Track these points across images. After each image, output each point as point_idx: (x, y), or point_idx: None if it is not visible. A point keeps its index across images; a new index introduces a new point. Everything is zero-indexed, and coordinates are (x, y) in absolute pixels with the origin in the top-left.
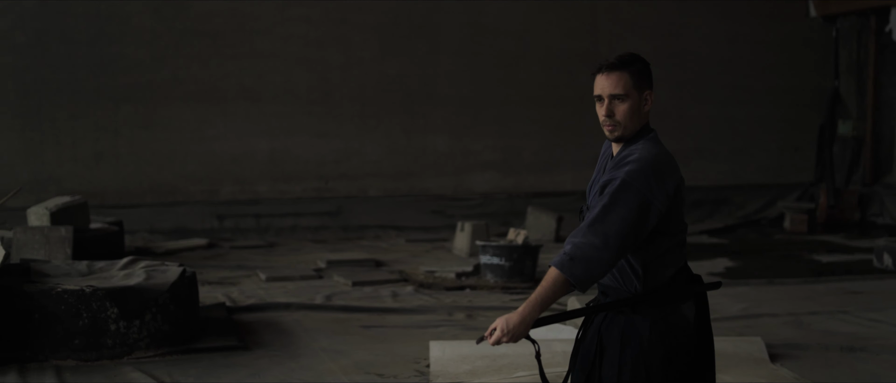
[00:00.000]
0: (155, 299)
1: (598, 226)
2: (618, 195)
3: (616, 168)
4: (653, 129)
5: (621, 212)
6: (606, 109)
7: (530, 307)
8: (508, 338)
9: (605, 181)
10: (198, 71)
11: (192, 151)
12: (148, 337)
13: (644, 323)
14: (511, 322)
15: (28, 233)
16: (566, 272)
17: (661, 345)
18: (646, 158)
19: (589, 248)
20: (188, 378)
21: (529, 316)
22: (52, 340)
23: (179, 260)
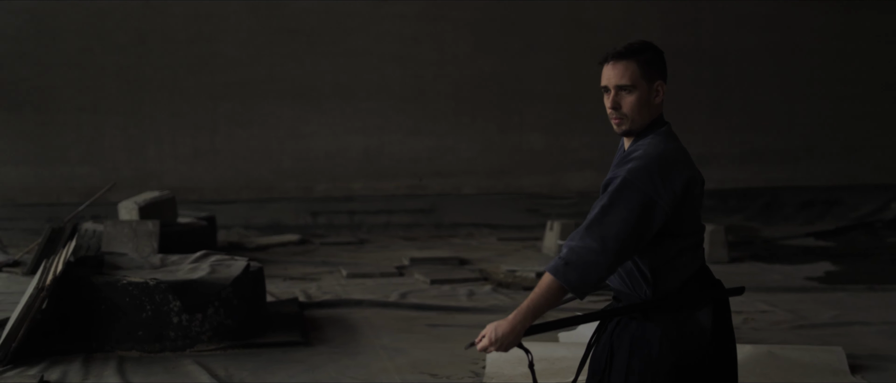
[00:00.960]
0: (217, 293)
1: (596, 228)
2: (618, 194)
3: (620, 165)
4: (666, 123)
5: (621, 212)
6: (612, 101)
7: (521, 315)
8: (496, 347)
9: (608, 179)
10: (293, 69)
11: (288, 148)
12: (210, 331)
13: (655, 330)
14: (500, 330)
15: (117, 226)
16: (560, 278)
17: (672, 354)
18: (651, 154)
19: (585, 252)
20: (243, 372)
21: (519, 325)
22: (117, 331)
23: (270, 255)
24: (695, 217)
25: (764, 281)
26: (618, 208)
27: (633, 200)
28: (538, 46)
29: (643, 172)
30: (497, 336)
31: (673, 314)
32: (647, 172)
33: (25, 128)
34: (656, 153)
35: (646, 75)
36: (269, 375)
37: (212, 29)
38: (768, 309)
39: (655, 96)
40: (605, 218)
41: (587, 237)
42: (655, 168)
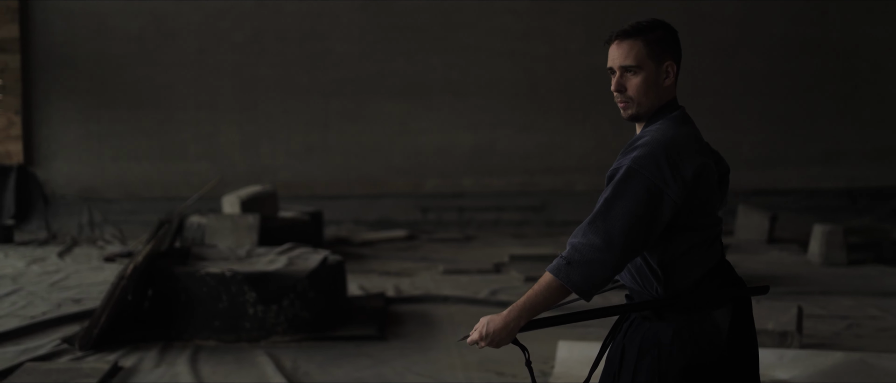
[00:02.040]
0: (293, 286)
1: (600, 223)
2: (622, 185)
3: (624, 153)
4: (679, 107)
5: (627, 205)
6: (616, 83)
7: (516, 312)
8: (487, 343)
9: (612, 170)
10: (403, 65)
11: (398, 144)
12: (285, 323)
13: (667, 329)
14: (491, 325)
15: (219, 220)
16: (563, 278)
17: (683, 356)
18: (658, 140)
19: (589, 250)
20: (311, 364)
21: (513, 323)
22: (196, 321)
23: (374, 250)
24: (710, 208)
25: (882, 285)
26: (623, 200)
27: (640, 191)
28: None
29: (649, 159)
30: (488, 331)
31: (687, 313)
32: (653, 159)
33: (147, 126)
34: (664, 139)
35: (653, 55)
36: (335, 368)
37: (324, 27)
38: (878, 314)
39: (665, 78)
40: (610, 211)
41: (590, 233)
42: (662, 155)
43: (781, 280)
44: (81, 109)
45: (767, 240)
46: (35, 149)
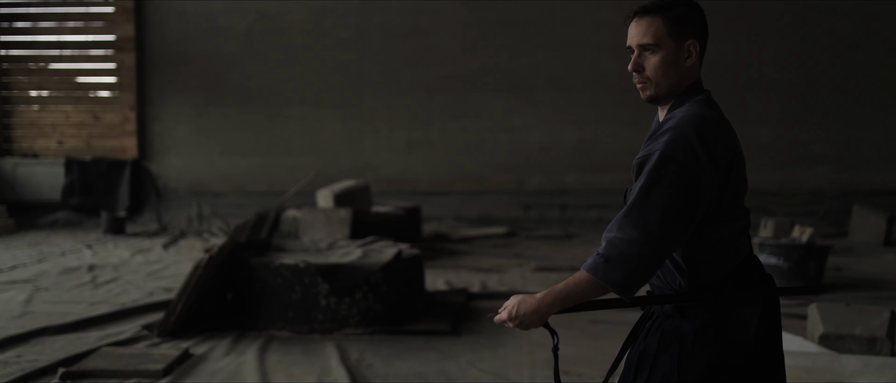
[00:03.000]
0: (366, 278)
1: (636, 215)
2: (657, 172)
3: (653, 139)
4: (705, 90)
5: (664, 194)
6: (634, 62)
7: (550, 298)
8: (515, 324)
9: (642, 158)
10: (507, 61)
11: (500, 141)
12: (358, 315)
13: (690, 326)
14: (522, 308)
15: (313, 213)
16: (601, 277)
17: (705, 355)
18: (689, 122)
19: (626, 245)
20: (377, 357)
21: (545, 309)
22: (270, 311)
23: (470, 246)
24: (740, 198)
25: None
26: (659, 189)
27: (675, 177)
28: (766, 32)
29: (683, 143)
30: (518, 313)
31: (713, 310)
32: (687, 143)
33: (254, 121)
34: (695, 121)
35: (673, 33)
36: (401, 361)
37: (427, 22)
38: None
39: (686, 57)
40: (646, 202)
41: (627, 226)
42: (696, 138)
43: (891, 285)
44: (192, 106)
45: (884, 242)
46: (148, 145)
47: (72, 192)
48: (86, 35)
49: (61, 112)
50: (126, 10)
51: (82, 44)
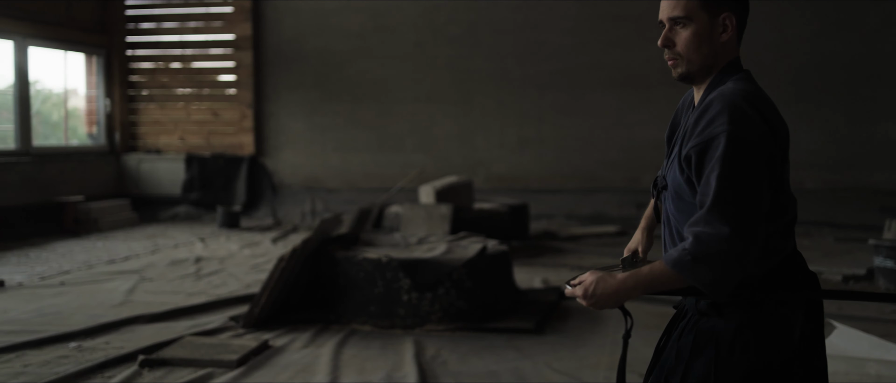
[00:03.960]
0: (448, 274)
1: (724, 207)
2: (733, 157)
3: (703, 123)
4: (745, 69)
5: (748, 179)
6: (664, 37)
7: (632, 283)
8: (589, 303)
9: (700, 144)
10: (619, 56)
11: (613, 137)
12: (440, 311)
13: (727, 327)
14: (602, 288)
15: (414, 209)
16: (689, 275)
17: (746, 359)
18: (739, 97)
19: (718, 241)
20: (453, 354)
21: (624, 294)
22: (353, 305)
23: (577, 245)
24: (788, 184)
25: None
26: (741, 174)
27: (753, 158)
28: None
29: (746, 121)
30: (594, 293)
31: (751, 309)
32: (750, 120)
33: (366, 118)
34: (747, 97)
35: (706, 6)
36: (476, 359)
37: (538, 17)
38: None
39: (721, 32)
40: (731, 190)
41: (715, 221)
42: (755, 113)
43: None
44: (306, 103)
45: None
46: (265, 141)
47: (191, 187)
48: (206, 34)
49: (183, 109)
50: (244, 10)
51: (203, 43)
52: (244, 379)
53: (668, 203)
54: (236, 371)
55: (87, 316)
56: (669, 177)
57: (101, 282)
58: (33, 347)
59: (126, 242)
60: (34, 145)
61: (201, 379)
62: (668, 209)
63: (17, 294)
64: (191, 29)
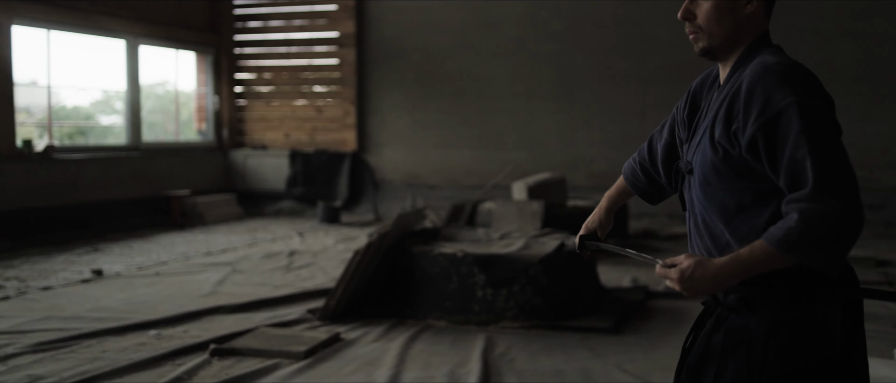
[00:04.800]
0: (524, 270)
1: (828, 182)
2: (814, 127)
3: (759, 101)
4: (775, 44)
5: (835, 146)
6: (684, 10)
7: (732, 267)
8: (683, 288)
9: (764, 126)
10: None
11: None
12: (515, 308)
13: (759, 326)
14: (701, 271)
15: (506, 206)
16: (800, 256)
17: (780, 363)
18: (785, 67)
19: (828, 217)
20: (523, 352)
21: (724, 280)
22: (428, 300)
23: (677, 245)
24: None
25: None
26: (828, 143)
27: (831, 125)
28: None
29: (810, 88)
30: (692, 276)
31: (786, 305)
32: (812, 87)
33: (467, 115)
34: (794, 66)
35: None
36: (546, 358)
37: (642, 12)
38: None
39: (745, 4)
40: (826, 162)
41: (822, 196)
42: (812, 80)
43: None
44: (408, 99)
45: None
46: (367, 137)
47: (295, 183)
48: (311, 32)
49: (288, 106)
50: (348, 8)
51: (307, 41)
52: (308, 370)
53: (693, 190)
54: (302, 362)
55: (173, 306)
56: (697, 160)
57: (194, 273)
58: (115, 334)
59: (226, 235)
60: (144, 141)
61: (267, 369)
62: (694, 196)
63: (112, 283)
64: (296, 27)
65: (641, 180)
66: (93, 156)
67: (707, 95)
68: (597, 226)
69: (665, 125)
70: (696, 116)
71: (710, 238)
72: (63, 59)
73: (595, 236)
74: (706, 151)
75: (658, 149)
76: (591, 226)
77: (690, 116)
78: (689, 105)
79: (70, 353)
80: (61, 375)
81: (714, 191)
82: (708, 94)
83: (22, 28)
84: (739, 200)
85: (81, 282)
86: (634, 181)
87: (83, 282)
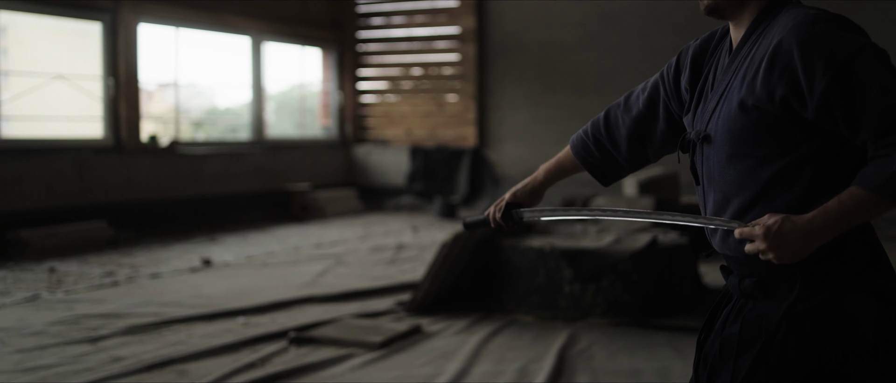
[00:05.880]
0: (613, 266)
1: None
2: (890, 66)
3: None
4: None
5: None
6: None
7: (822, 219)
8: (768, 246)
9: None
10: None
11: None
12: (604, 304)
13: (777, 315)
14: (789, 227)
15: (615, 202)
16: None
17: (802, 358)
18: (829, 15)
19: None
20: (604, 349)
21: (816, 237)
22: (516, 294)
23: None
24: None
25: None
26: None
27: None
28: None
29: (862, 31)
30: (779, 233)
31: (812, 290)
32: (862, 31)
33: (588, 110)
34: (832, 14)
35: None
36: (625, 356)
37: None
38: None
39: None
40: None
41: None
42: (857, 25)
43: None
44: (528, 95)
45: None
46: (487, 133)
47: (415, 178)
48: (432, 28)
49: (409, 102)
50: (469, 4)
51: (429, 37)
52: (380, 361)
53: (710, 163)
54: (376, 352)
55: (269, 295)
56: (719, 128)
57: (299, 265)
58: (205, 320)
59: (341, 229)
60: (267, 136)
61: (340, 358)
62: (712, 170)
63: (218, 272)
64: (418, 23)
65: (595, 156)
66: (216, 151)
67: (710, 60)
68: (526, 199)
69: (638, 97)
70: (701, 83)
71: (733, 212)
72: (189, 56)
73: (518, 211)
74: (732, 117)
75: (624, 122)
76: (521, 197)
77: (693, 83)
78: (689, 71)
79: (157, 337)
80: (140, 357)
81: (745, 162)
82: (713, 58)
83: (150, 26)
84: (773, 168)
85: (190, 270)
86: (586, 156)
87: (191, 271)
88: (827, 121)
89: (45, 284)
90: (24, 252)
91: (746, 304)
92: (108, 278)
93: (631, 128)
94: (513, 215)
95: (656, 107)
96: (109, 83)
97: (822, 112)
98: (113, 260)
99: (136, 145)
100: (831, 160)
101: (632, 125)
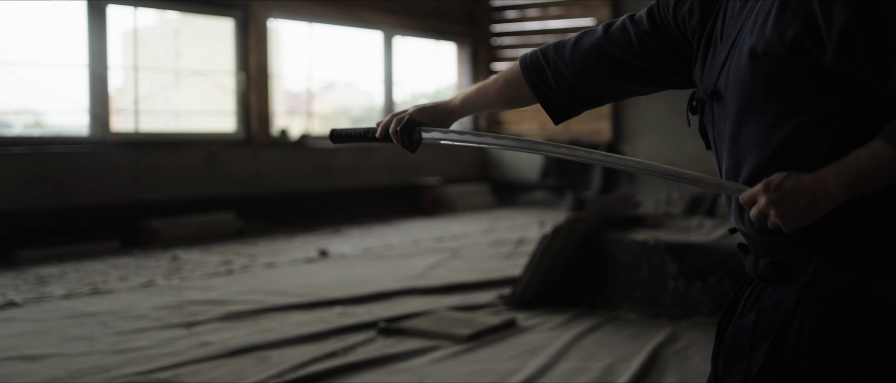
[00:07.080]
0: (722, 261)
1: None
2: None
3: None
4: None
5: None
6: None
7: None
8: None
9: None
10: None
11: None
12: (711, 302)
13: (796, 305)
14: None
15: None
16: None
17: (818, 358)
18: None
19: None
20: (702, 350)
21: (825, 196)
22: (619, 290)
23: None
24: None
25: None
26: None
27: None
28: None
29: None
30: (780, 187)
31: (830, 271)
32: None
33: None
34: None
35: None
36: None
37: None
38: None
39: None
40: None
41: None
42: None
43: None
44: None
45: None
46: (623, 126)
47: (549, 173)
48: (566, 20)
49: None
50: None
51: (563, 30)
52: (465, 354)
53: (720, 123)
54: (462, 345)
55: (375, 286)
56: (731, 83)
57: (414, 257)
58: (302, 309)
59: (467, 223)
60: None
61: (424, 349)
62: (722, 131)
63: (333, 263)
64: (552, 15)
65: (553, 89)
66: (346, 145)
67: (724, 5)
68: (431, 122)
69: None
70: (708, 29)
71: (744, 179)
72: (321, 50)
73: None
74: (744, 69)
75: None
76: (426, 116)
77: (702, 26)
78: (699, 12)
79: (251, 324)
80: (228, 343)
81: (758, 121)
82: (723, 3)
83: (282, 21)
84: (790, 127)
85: (305, 261)
86: (540, 83)
87: (306, 261)
88: (849, 65)
89: (163, 271)
90: (152, 241)
91: (765, 290)
92: (224, 267)
93: (608, 67)
94: (413, 132)
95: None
96: (241, 78)
97: (843, 54)
98: (235, 249)
99: (266, 138)
100: (859, 118)
101: (610, 65)
